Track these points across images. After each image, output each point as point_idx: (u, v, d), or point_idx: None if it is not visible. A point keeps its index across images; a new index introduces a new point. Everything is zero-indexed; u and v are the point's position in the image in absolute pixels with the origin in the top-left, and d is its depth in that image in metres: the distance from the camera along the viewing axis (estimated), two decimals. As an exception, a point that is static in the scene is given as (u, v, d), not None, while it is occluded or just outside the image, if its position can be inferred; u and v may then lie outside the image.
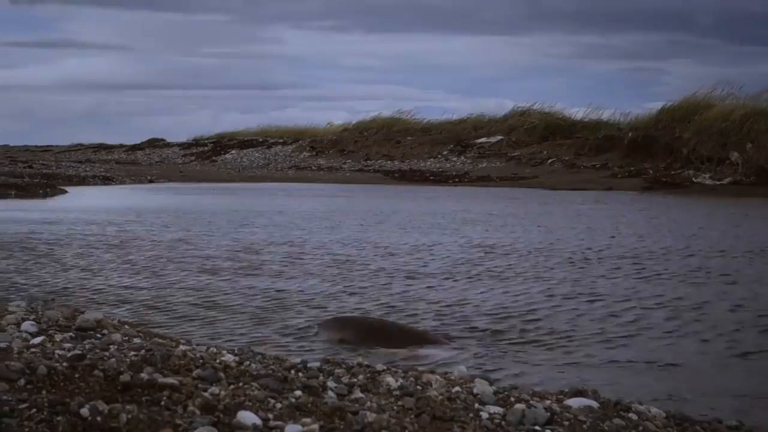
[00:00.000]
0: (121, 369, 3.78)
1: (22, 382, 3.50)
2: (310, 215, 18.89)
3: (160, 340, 5.67)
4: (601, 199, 24.69)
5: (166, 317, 8.11)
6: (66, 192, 26.77)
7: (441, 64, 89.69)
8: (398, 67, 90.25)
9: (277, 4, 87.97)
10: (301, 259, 11.86)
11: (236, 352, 4.93)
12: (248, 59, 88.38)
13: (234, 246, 13.12)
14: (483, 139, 41.50)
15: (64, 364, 3.74)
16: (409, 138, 43.85)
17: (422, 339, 7.15)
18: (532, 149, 38.64)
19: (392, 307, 8.55)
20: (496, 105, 76.41)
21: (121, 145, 55.15)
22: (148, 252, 12.39)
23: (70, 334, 5.34)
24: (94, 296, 9.00)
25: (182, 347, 5.05)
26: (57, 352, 4.36)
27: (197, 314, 8.21)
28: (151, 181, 34.97)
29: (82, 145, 57.76)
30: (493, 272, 10.72)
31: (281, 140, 48.80)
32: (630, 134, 34.84)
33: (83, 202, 23.06)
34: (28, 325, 5.46)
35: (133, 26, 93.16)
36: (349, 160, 42.12)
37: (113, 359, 4.13)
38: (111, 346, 4.77)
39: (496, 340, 7.17)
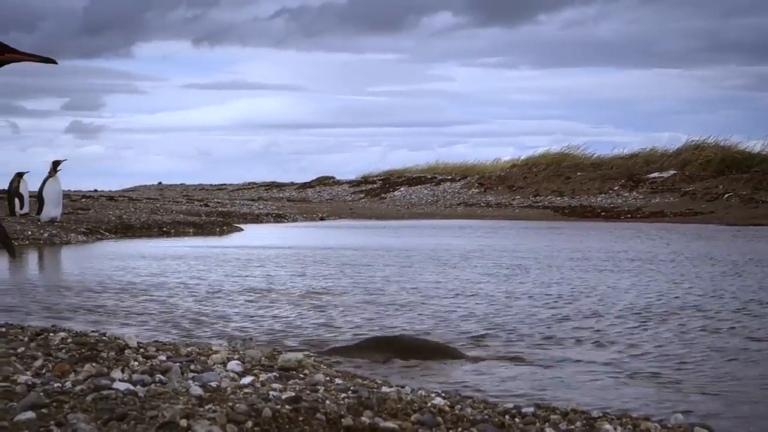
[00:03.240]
0: (342, 412, 3.76)
1: (249, 424, 3.51)
2: (579, 256, 16.81)
3: (361, 381, 5.67)
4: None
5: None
6: (242, 230, 26.76)
7: (611, 98, 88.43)
8: (567, 102, 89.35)
9: (446, 43, 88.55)
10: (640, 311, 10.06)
11: (443, 394, 4.87)
12: (417, 97, 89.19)
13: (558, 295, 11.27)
14: (655, 174, 40.71)
15: (287, 406, 3.75)
16: (578, 173, 43.36)
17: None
18: (706, 184, 37.67)
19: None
20: (669, 139, 74.90)
21: (292, 183, 56.30)
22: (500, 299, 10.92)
23: (275, 374, 5.38)
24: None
25: (386, 389, 5.02)
26: (272, 393, 4.38)
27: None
28: (322, 219, 35.34)
29: (254, 183, 59.14)
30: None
31: (449, 177, 48.98)
32: (812, 167, 33.67)
33: (280, 240, 22.61)
34: (234, 365, 5.52)
35: (306, 67, 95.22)
36: (517, 197, 41.88)
37: (328, 401, 4.12)
38: (319, 387, 4.79)
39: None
